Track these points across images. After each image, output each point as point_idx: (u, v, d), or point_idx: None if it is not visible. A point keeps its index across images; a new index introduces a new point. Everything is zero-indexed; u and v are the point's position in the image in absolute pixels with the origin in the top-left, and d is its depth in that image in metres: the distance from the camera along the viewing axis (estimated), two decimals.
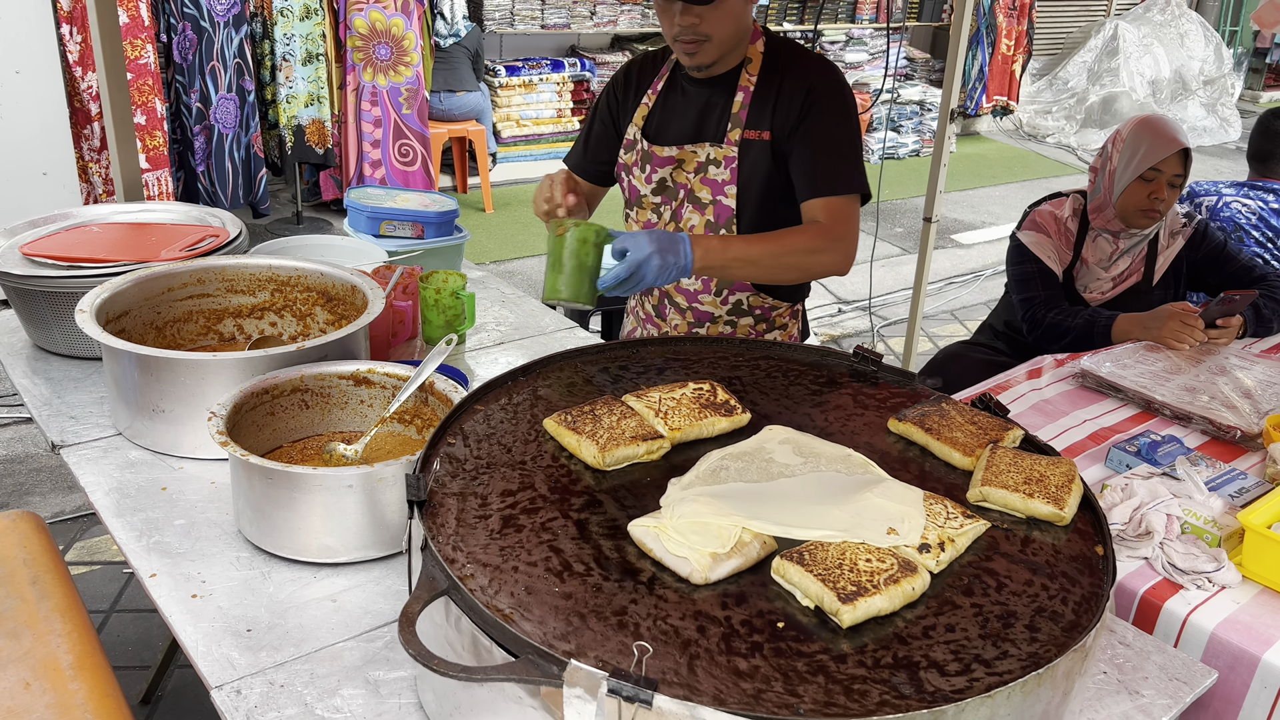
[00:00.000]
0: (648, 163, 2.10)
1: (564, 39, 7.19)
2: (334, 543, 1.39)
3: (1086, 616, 1.12)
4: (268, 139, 5.53)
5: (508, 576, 1.12)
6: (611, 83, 2.19)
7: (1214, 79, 9.87)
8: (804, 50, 2.03)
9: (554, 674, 0.96)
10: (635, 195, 2.16)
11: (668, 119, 2.10)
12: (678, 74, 2.10)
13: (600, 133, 2.18)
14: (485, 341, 2.20)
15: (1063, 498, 1.29)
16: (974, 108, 9.23)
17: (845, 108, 1.96)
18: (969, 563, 1.21)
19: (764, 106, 1.99)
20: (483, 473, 1.31)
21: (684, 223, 2.11)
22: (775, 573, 1.15)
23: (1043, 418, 2.16)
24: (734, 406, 1.49)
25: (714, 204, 2.07)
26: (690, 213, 2.10)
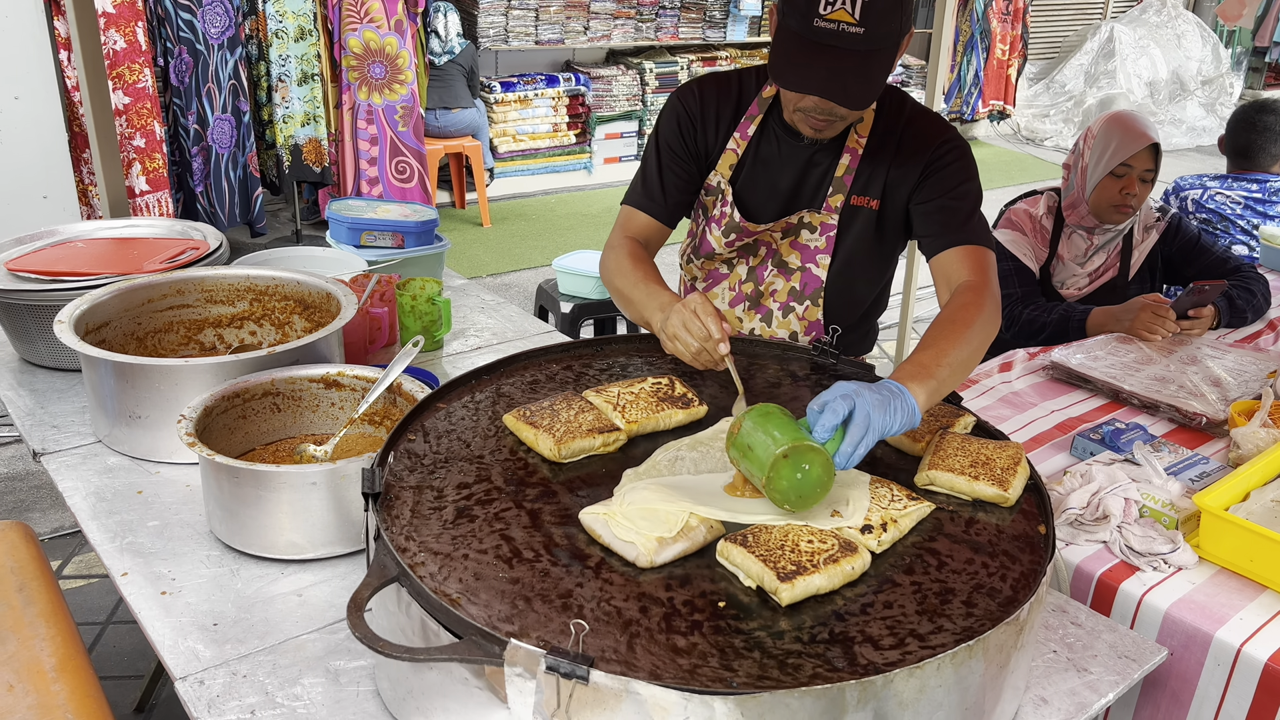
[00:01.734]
0: (734, 231, 1.89)
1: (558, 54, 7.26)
2: (300, 539, 1.43)
3: (1024, 592, 1.15)
4: (265, 159, 5.60)
5: (458, 564, 1.15)
6: (678, 110, 1.88)
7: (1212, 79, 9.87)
8: (918, 107, 1.83)
9: (495, 653, 0.99)
10: (708, 249, 1.95)
11: (759, 175, 1.87)
12: (771, 120, 1.84)
13: (675, 168, 1.89)
14: (464, 347, 2.23)
15: (1008, 480, 1.31)
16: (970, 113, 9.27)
17: (972, 169, 1.79)
18: (912, 543, 1.24)
19: (875, 171, 1.81)
20: (440, 467, 1.34)
21: (764, 285, 1.94)
22: (719, 555, 1.18)
23: (1010, 409, 2.18)
24: (691, 399, 1.52)
25: (802, 271, 1.90)
26: (773, 276, 1.93)
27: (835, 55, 1.54)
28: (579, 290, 3.97)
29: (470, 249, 6.19)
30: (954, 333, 1.53)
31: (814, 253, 1.89)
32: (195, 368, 1.63)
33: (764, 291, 1.96)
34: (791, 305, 1.94)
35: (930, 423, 1.47)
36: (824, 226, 1.86)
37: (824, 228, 1.86)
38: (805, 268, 1.91)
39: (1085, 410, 2.20)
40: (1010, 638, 1.08)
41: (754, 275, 1.97)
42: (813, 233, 1.88)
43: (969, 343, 1.52)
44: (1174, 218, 2.82)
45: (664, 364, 1.69)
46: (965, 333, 1.53)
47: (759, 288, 1.96)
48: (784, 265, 1.93)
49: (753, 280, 1.97)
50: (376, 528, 1.16)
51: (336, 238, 2.50)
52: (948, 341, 1.51)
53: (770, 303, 1.96)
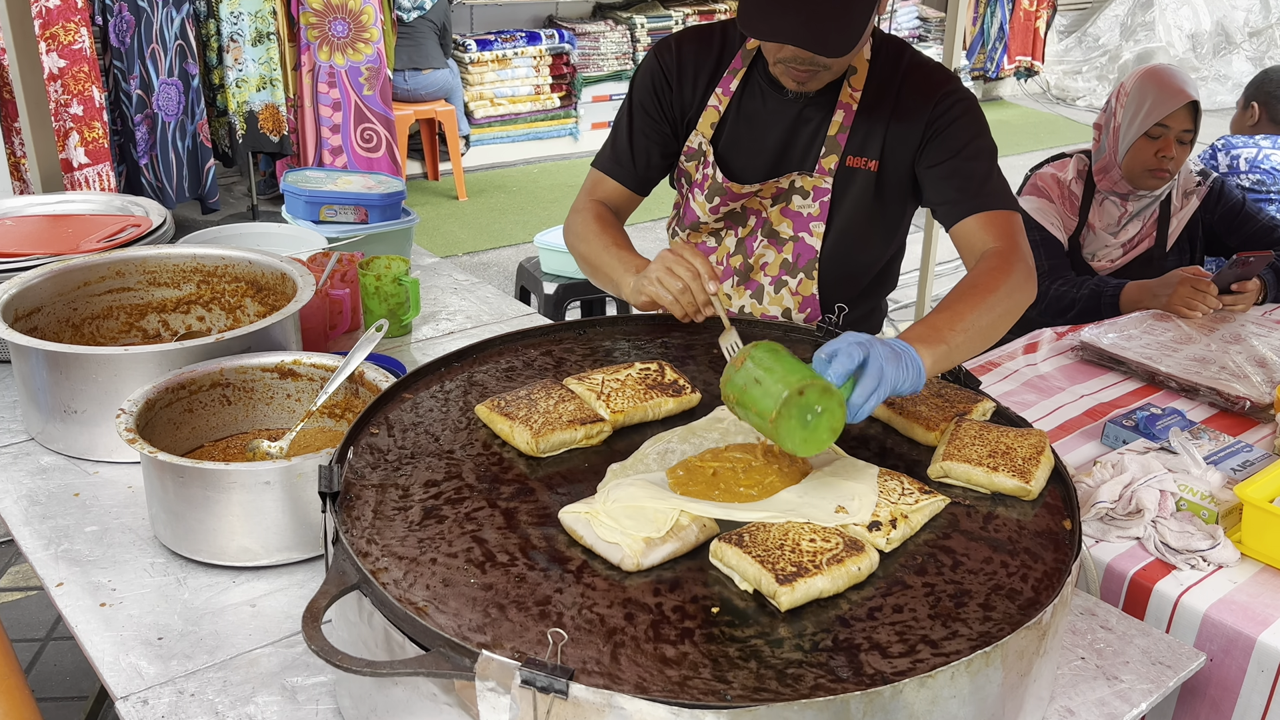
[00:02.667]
0: (718, 195, 1.89)
1: (540, 9, 7.24)
2: (253, 544, 1.42)
3: (1047, 593, 1.15)
4: (216, 127, 5.58)
5: (424, 569, 1.15)
6: (654, 67, 1.88)
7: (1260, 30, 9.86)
8: (918, 57, 1.81)
9: (466, 666, 0.99)
10: (693, 218, 1.96)
11: (743, 133, 1.86)
12: (756, 74, 1.84)
13: (649, 130, 1.89)
14: (435, 332, 2.23)
15: (1029, 471, 1.32)
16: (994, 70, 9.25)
17: (982, 122, 1.77)
18: (925, 541, 1.24)
19: (872, 129, 1.79)
20: (406, 463, 1.34)
21: (754, 258, 1.94)
22: (713, 556, 1.18)
23: (1036, 394, 2.19)
24: (683, 386, 1.52)
25: (794, 241, 1.90)
26: (763, 248, 1.93)
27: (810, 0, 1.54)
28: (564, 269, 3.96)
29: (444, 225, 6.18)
30: (974, 297, 1.51)
31: (807, 220, 1.88)
32: (136, 357, 1.63)
33: (754, 265, 1.95)
34: (784, 279, 1.93)
35: (945, 409, 1.47)
36: (817, 191, 1.85)
37: (817, 192, 1.85)
38: (798, 237, 1.90)
39: (1118, 394, 2.20)
40: (1032, 643, 1.08)
41: (743, 247, 1.96)
42: (805, 198, 1.86)
43: (991, 309, 1.50)
44: (1216, 182, 2.82)
45: (653, 348, 1.69)
46: (987, 298, 1.51)
47: (748, 260, 1.96)
48: (775, 235, 1.92)
49: (741, 253, 1.96)
50: (335, 530, 1.16)
51: (293, 212, 2.49)
52: (966, 305, 1.50)
53: (761, 277, 1.96)
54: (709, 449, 1.37)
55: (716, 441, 1.40)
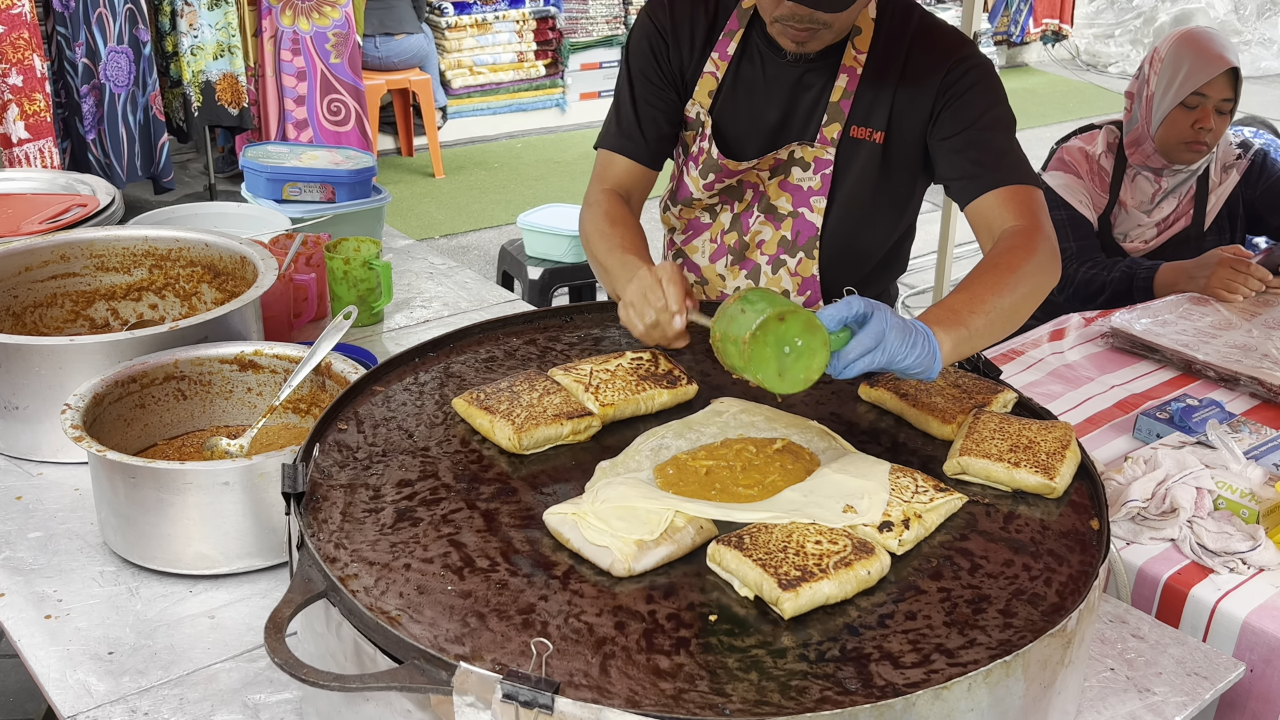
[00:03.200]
0: (713, 171, 1.89)
1: None
2: (211, 551, 1.43)
3: (1073, 599, 1.16)
4: (170, 99, 5.57)
5: (397, 575, 1.15)
6: (648, 28, 1.88)
7: None
8: (929, 19, 1.81)
9: (442, 680, 0.99)
10: (686, 194, 1.96)
11: (741, 103, 1.86)
12: (754, 35, 1.84)
13: (653, 97, 1.88)
14: (408, 321, 2.24)
15: (1054, 466, 1.32)
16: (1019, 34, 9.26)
17: (1000, 91, 1.78)
18: (940, 543, 1.25)
19: (879, 96, 1.80)
20: (377, 461, 1.34)
21: (750, 235, 1.94)
22: (711, 560, 1.18)
23: (1062, 384, 2.20)
24: (678, 377, 1.52)
25: (793, 217, 1.90)
26: (760, 224, 1.93)
27: None
28: (550, 252, 3.97)
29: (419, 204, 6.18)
30: (994, 278, 1.52)
31: (807, 194, 1.88)
32: (83, 348, 1.63)
33: (749, 243, 1.96)
34: (782, 258, 1.93)
35: (962, 400, 1.48)
36: (818, 162, 1.85)
37: (818, 164, 1.85)
38: (797, 213, 1.90)
39: (1151, 385, 2.21)
40: (1056, 652, 1.09)
41: (738, 224, 1.96)
42: (805, 170, 1.87)
43: (1013, 290, 1.51)
44: (1258, 155, 2.83)
45: None
46: (1009, 278, 1.52)
47: (743, 238, 1.96)
48: (772, 211, 1.92)
49: (736, 229, 1.96)
50: (300, 534, 1.16)
51: (253, 191, 2.49)
52: (985, 287, 1.50)
53: (757, 256, 1.96)
54: (704, 445, 1.38)
55: (714, 436, 1.41)
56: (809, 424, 1.44)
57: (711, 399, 1.52)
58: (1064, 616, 1.10)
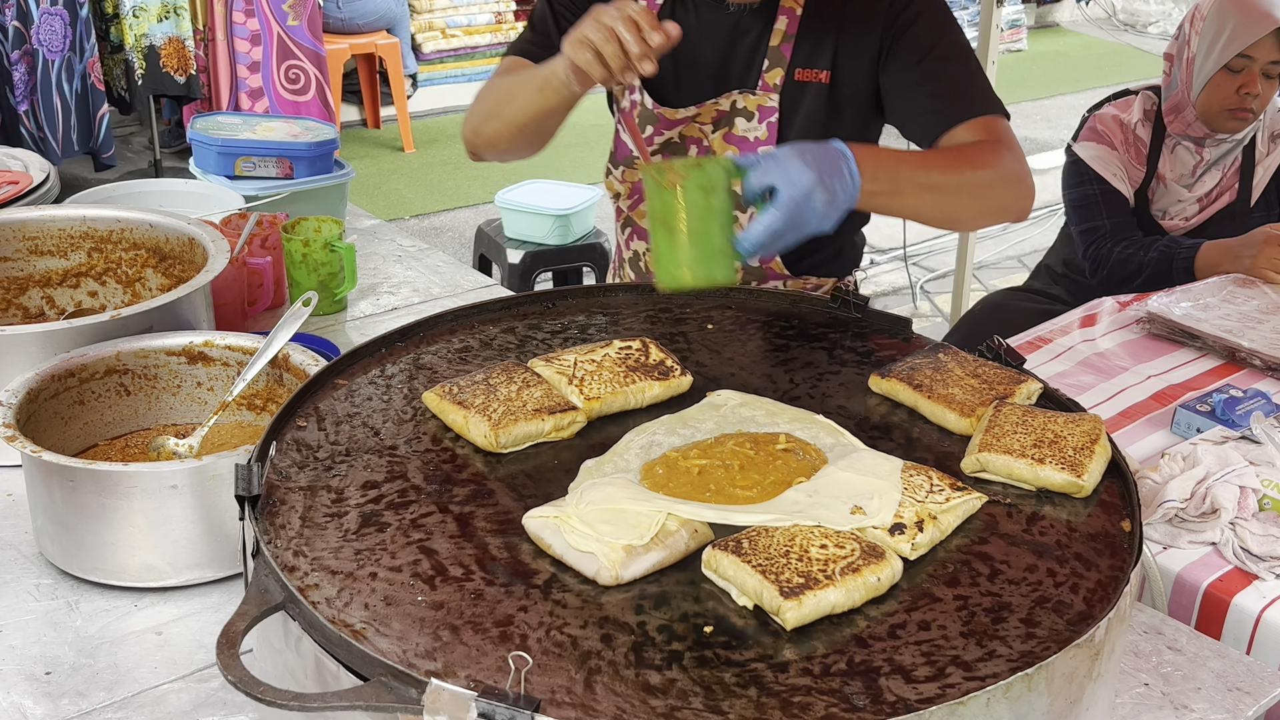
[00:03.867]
0: (650, 123, 1.96)
1: None
2: (159, 561, 1.44)
3: (1101, 606, 1.17)
4: (110, 66, 5.57)
5: (362, 585, 1.16)
6: None
7: None
8: None
9: (412, 698, 1.00)
10: (625, 153, 2.04)
11: (674, 50, 1.87)
12: None
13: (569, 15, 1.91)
14: (375, 308, 2.24)
15: (1082, 463, 1.34)
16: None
17: (949, 17, 1.87)
18: (957, 546, 1.26)
19: (821, 36, 1.87)
20: (340, 461, 1.35)
21: None
22: (706, 567, 1.20)
23: (1094, 374, 2.21)
24: (671, 368, 1.53)
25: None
26: None
27: None
28: (531, 233, 3.98)
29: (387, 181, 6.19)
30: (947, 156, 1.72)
31: (754, 145, 1.94)
32: (16, 339, 1.64)
33: None
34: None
35: (982, 392, 1.49)
36: (762, 110, 1.91)
37: (762, 111, 1.91)
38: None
39: (1191, 375, 2.23)
40: (1083, 665, 1.10)
41: None
42: (749, 120, 1.92)
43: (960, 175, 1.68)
44: None
45: (635, 323, 1.70)
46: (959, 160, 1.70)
47: None
48: None
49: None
50: (255, 541, 1.17)
51: (203, 166, 2.50)
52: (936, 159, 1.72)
53: None
54: (697, 443, 1.39)
55: (710, 432, 1.42)
56: (815, 418, 1.45)
57: (707, 391, 1.53)
58: (1092, 626, 1.11)
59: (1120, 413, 2.09)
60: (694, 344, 1.66)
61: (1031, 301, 2.98)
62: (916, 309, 5.10)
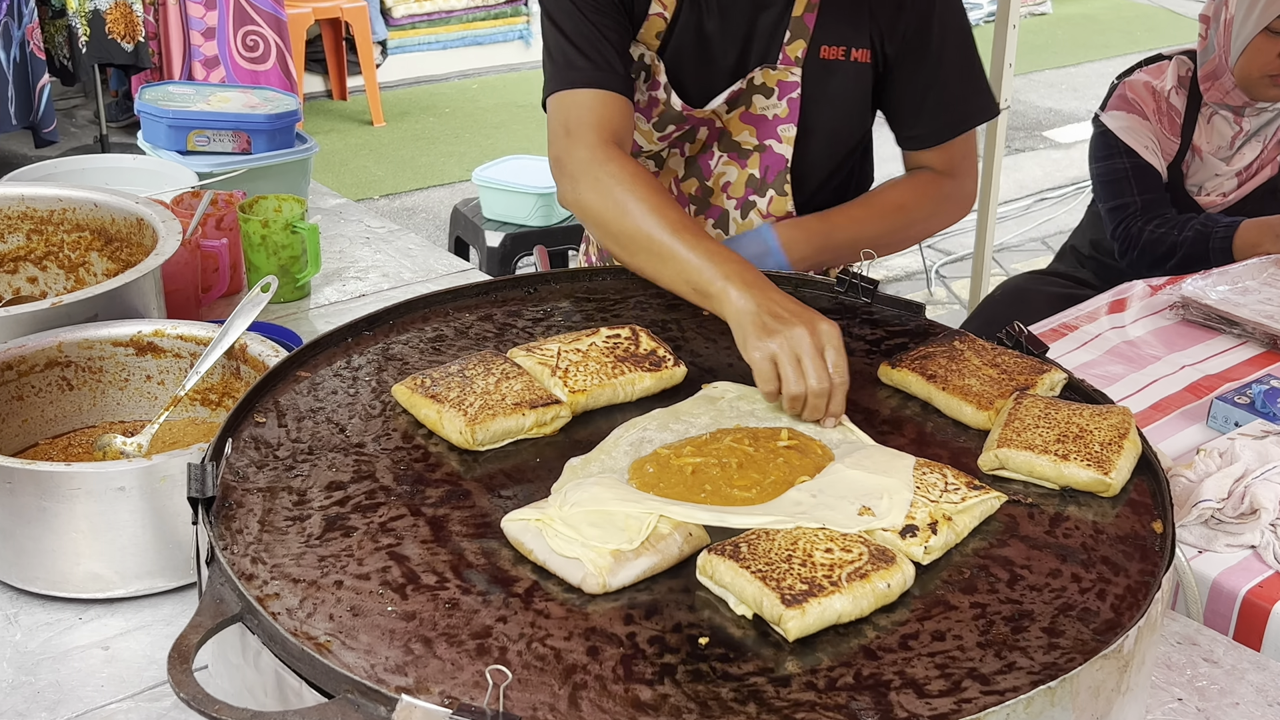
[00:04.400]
0: (674, 122, 1.95)
1: None
2: (105, 570, 1.44)
3: (1130, 614, 1.18)
4: (51, 32, 5.55)
5: (327, 594, 1.16)
6: None
7: None
8: None
9: (381, 716, 1.00)
10: (634, 147, 1.97)
11: (698, 44, 1.90)
12: None
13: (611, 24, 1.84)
14: (341, 295, 2.24)
15: (1109, 459, 1.34)
16: None
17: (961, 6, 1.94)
18: (974, 550, 1.26)
19: (851, 10, 1.88)
20: (302, 460, 1.35)
21: (713, 179, 1.99)
22: (701, 573, 1.20)
23: (1124, 364, 2.22)
24: (664, 358, 1.53)
25: (760, 152, 1.96)
26: (723, 165, 1.99)
27: None
28: (512, 213, 3.98)
29: (355, 158, 6.18)
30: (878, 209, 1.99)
31: (773, 124, 1.93)
32: None
33: (713, 187, 2.00)
34: (751, 200, 1.99)
35: (1001, 383, 1.49)
36: (783, 86, 1.91)
37: (783, 88, 1.91)
38: (764, 145, 1.95)
39: (1229, 364, 2.24)
40: (1111, 677, 1.11)
41: (696, 168, 2.00)
42: (768, 97, 1.92)
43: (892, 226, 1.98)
44: None
45: (625, 310, 1.71)
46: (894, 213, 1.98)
47: (705, 183, 2.01)
48: (735, 148, 1.97)
49: (696, 175, 2.01)
50: (210, 547, 1.17)
51: (152, 141, 2.50)
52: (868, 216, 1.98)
53: (723, 200, 2.01)
54: (691, 439, 1.39)
55: (706, 427, 1.42)
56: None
57: (703, 383, 1.53)
58: (1120, 635, 1.11)
59: (1152, 405, 2.09)
60: (688, 332, 1.66)
61: (1056, 286, 2.99)
62: (931, 295, 5.11)
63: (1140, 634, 1.13)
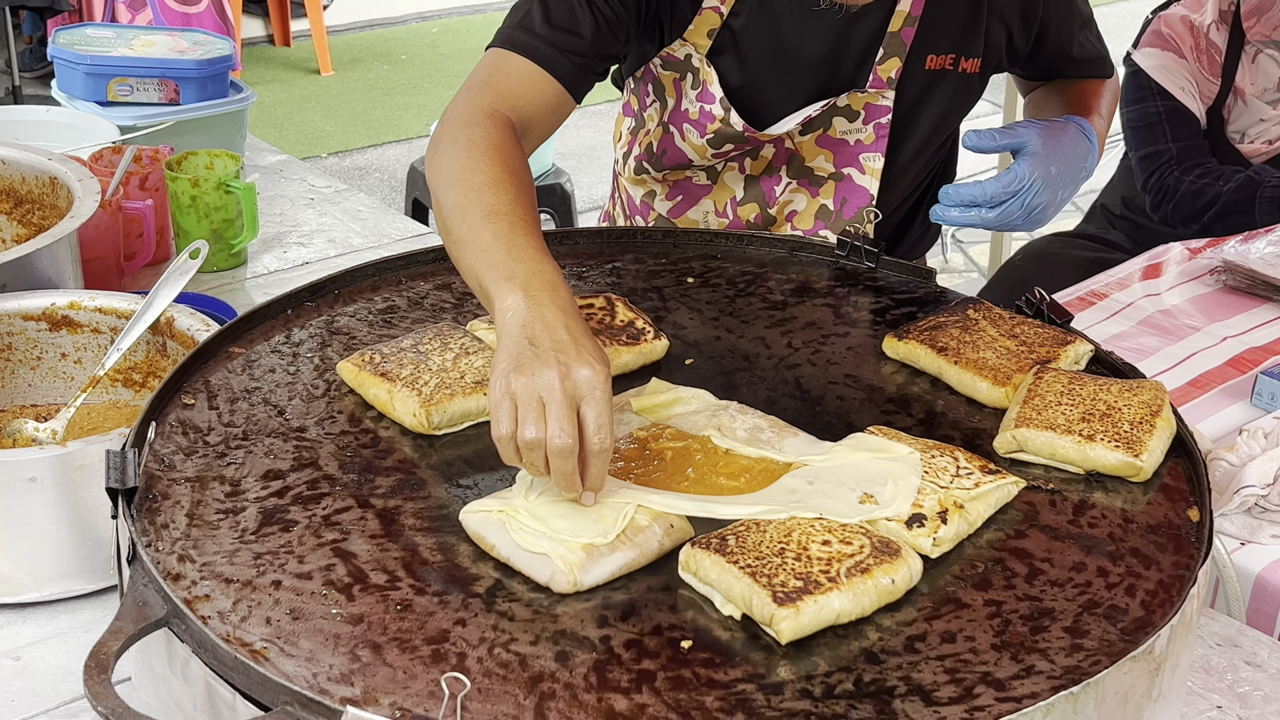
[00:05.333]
0: (732, 142, 1.88)
1: None
2: (15, 571, 1.43)
3: (1162, 612, 1.18)
4: None
5: (264, 596, 1.16)
6: None
7: None
8: None
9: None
10: (679, 159, 1.94)
11: (760, 49, 1.83)
12: None
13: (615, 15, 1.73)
14: (281, 263, 2.24)
15: (1140, 439, 1.34)
16: None
17: None
18: (989, 542, 1.27)
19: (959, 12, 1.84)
20: (236, 446, 1.35)
21: (776, 206, 1.97)
22: (684, 569, 1.20)
23: (1158, 335, 2.22)
24: (643, 330, 1.53)
25: (837, 180, 1.93)
26: (791, 192, 1.95)
27: None
28: None
29: (298, 111, 6.16)
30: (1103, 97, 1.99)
31: (855, 151, 1.90)
32: None
33: (777, 215, 1.96)
34: (821, 234, 1.93)
35: (1020, 356, 1.49)
36: (871, 110, 1.86)
37: (871, 112, 1.86)
38: (842, 174, 1.91)
39: (1275, 335, 2.24)
40: (1141, 682, 1.11)
41: (756, 190, 1.96)
42: (852, 120, 1.87)
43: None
44: None
45: (599, 276, 1.70)
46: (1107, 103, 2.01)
47: (768, 210, 1.95)
48: (807, 174, 1.93)
49: (755, 199, 1.95)
50: (132, 543, 1.17)
51: (68, 90, 2.48)
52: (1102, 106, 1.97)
53: (786, 231, 1.96)
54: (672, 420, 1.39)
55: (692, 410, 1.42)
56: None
57: (686, 359, 1.53)
58: (1151, 635, 1.12)
59: (1189, 381, 2.10)
60: (670, 301, 1.66)
61: (1084, 249, 2.98)
62: (947, 262, 5.11)
63: (1174, 634, 1.14)
